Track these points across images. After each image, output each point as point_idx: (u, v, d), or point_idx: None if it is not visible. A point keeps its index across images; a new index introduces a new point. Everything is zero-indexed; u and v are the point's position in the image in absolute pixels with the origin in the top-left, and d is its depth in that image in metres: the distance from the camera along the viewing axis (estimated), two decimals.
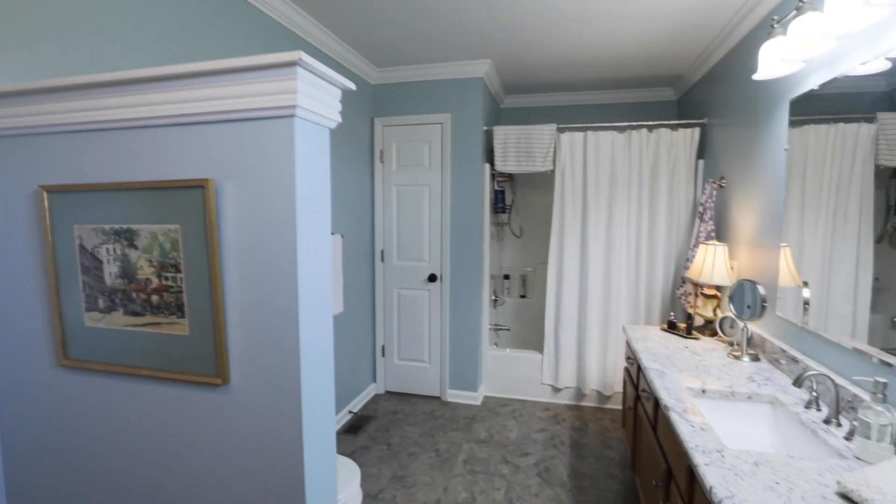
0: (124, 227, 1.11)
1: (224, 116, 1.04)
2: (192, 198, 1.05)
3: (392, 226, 3.57)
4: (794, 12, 1.61)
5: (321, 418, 1.10)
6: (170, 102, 1.07)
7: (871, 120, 1.47)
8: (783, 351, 1.95)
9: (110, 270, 1.14)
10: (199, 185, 1.04)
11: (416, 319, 3.58)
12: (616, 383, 3.41)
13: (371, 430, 3.12)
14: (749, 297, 2.11)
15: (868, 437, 1.27)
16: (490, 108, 3.75)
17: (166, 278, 1.09)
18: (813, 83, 1.82)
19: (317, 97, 1.05)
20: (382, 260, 3.61)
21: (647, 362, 2.06)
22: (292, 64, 0.96)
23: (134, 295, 1.12)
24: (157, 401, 1.15)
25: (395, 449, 2.86)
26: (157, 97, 1.07)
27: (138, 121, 1.10)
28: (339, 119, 1.14)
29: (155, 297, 1.11)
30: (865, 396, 1.45)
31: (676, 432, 1.45)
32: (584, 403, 3.54)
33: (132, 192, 1.10)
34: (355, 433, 3.06)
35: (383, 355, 3.68)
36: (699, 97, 3.36)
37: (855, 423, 1.37)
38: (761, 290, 2.06)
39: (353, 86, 1.13)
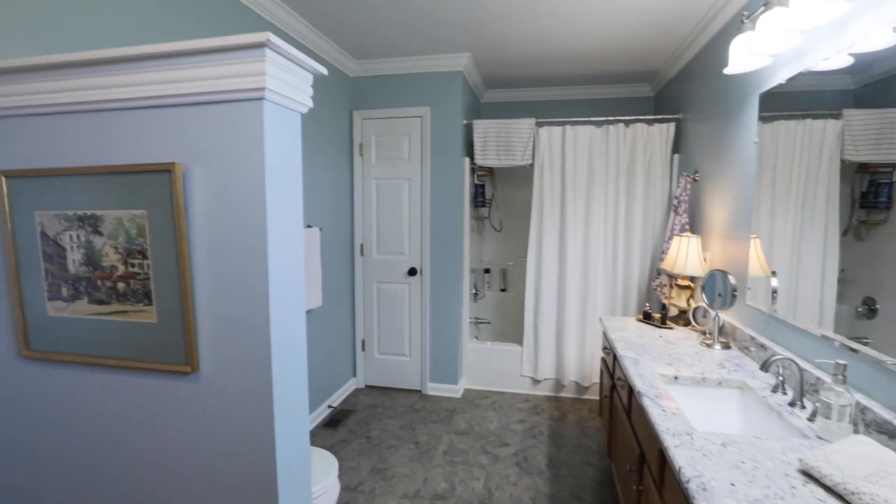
0: (88, 213, 1.08)
1: (191, 99, 1.02)
2: (158, 182, 1.03)
3: (372, 219, 3.55)
4: (763, 7, 1.65)
5: (293, 405, 1.09)
6: (135, 84, 1.04)
7: (837, 116, 1.51)
8: (752, 338, 2.00)
9: (74, 258, 1.11)
10: (166, 170, 1.02)
11: (397, 313, 3.57)
12: (594, 374, 3.46)
13: (351, 423, 3.11)
14: (720, 287, 2.16)
15: (829, 418, 1.32)
16: (470, 102, 3.75)
17: (132, 265, 1.07)
18: (781, 77, 1.87)
19: (287, 81, 1.04)
20: (362, 254, 3.59)
21: (622, 351, 2.09)
22: (260, 45, 0.95)
23: (99, 283, 1.10)
24: (126, 391, 1.12)
25: (375, 442, 2.86)
26: (121, 79, 1.04)
27: (102, 103, 1.07)
28: (311, 104, 1.13)
29: (121, 285, 1.08)
30: (828, 379, 1.50)
31: (648, 416, 1.48)
32: (563, 394, 3.58)
33: (96, 177, 1.07)
34: (335, 427, 3.04)
35: (363, 349, 3.67)
36: (675, 93, 3.42)
37: (818, 404, 1.42)
38: (732, 279, 2.11)
39: (324, 70, 1.12)
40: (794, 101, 1.82)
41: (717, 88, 2.58)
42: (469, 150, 3.65)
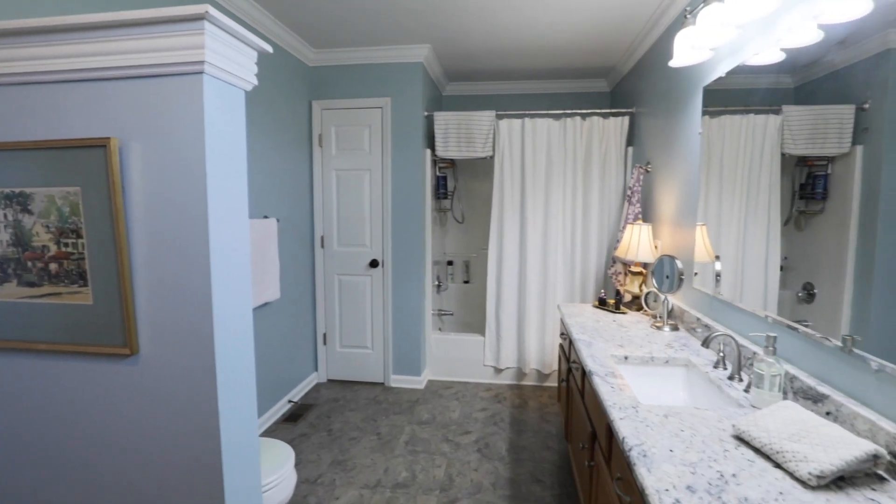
0: (16, 190, 1.03)
1: (127, 72, 0.99)
2: (92, 158, 0.99)
3: (332, 211, 3.50)
4: (702, 3, 1.73)
5: (239, 386, 1.07)
6: (66, 56, 1.00)
7: (777, 112, 1.58)
8: (698, 320, 2.10)
9: (1, 238, 1.05)
10: (101, 145, 0.98)
11: (358, 306, 3.55)
12: (554, 361, 3.54)
13: (311, 417, 3.07)
14: (668, 271, 2.25)
15: (761, 387, 1.40)
16: (432, 94, 3.76)
17: (66, 245, 1.02)
18: (721, 71, 1.97)
19: (229, 56, 1.01)
20: (322, 246, 3.54)
21: (576, 335, 2.15)
22: (199, 18, 0.93)
23: (29, 264, 1.04)
24: (61, 376, 1.07)
25: (336, 435, 2.84)
26: (51, 50, 1.00)
27: (31, 76, 1.02)
28: (255, 81, 1.11)
29: (53, 266, 1.03)
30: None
31: (597, 393, 1.53)
32: (524, 382, 3.65)
33: (24, 153, 1.02)
34: (295, 422, 3.00)
35: (325, 343, 3.62)
36: (629, 88, 3.54)
37: (752, 376, 1.51)
38: (679, 264, 2.21)
39: (269, 48, 1.10)
40: (739, 97, 1.92)
41: (666, 83, 2.68)
42: (430, 142, 3.65)
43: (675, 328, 2.23)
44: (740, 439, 1.18)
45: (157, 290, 1.00)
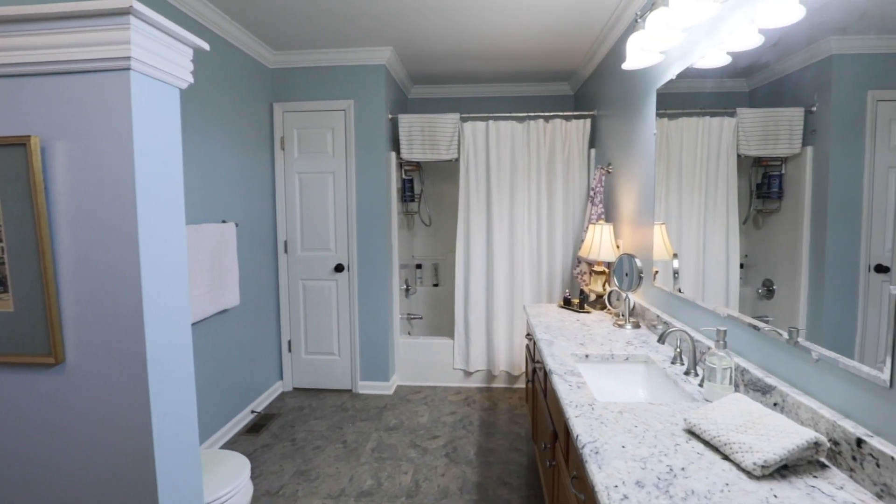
0: None
1: (50, 68, 0.93)
2: (12, 157, 0.93)
3: (295, 215, 3.43)
4: (650, 8, 1.77)
5: (175, 396, 1.02)
6: None
7: (732, 115, 1.63)
8: (658, 317, 2.13)
9: None
10: (20, 143, 0.92)
11: (324, 311, 3.48)
12: (523, 362, 3.55)
13: (274, 428, 2.98)
14: (627, 269, 2.28)
15: (713, 381, 1.42)
16: (396, 96, 3.74)
17: None
18: (671, 74, 2.02)
19: (159, 52, 0.97)
20: (286, 251, 3.46)
21: (539, 335, 2.16)
22: (124, 13, 0.88)
23: None
24: None
25: (300, 444, 2.76)
26: None
27: None
28: (191, 79, 1.07)
29: None
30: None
31: (556, 391, 1.53)
32: (494, 385, 3.65)
33: None
34: (258, 432, 2.91)
35: (290, 350, 3.54)
36: (590, 91, 3.60)
37: (704, 371, 1.54)
38: (638, 262, 2.24)
39: (205, 45, 1.06)
40: (695, 99, 1.96)
41: (623, 86, 2.74)
42: (395, 145, 3.63)
43: (636, 326, 2.26)
44: (691, 433, 1.19)
45: (85, 296, 0.95)
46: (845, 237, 1.11)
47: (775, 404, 1.26)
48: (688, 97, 2.02)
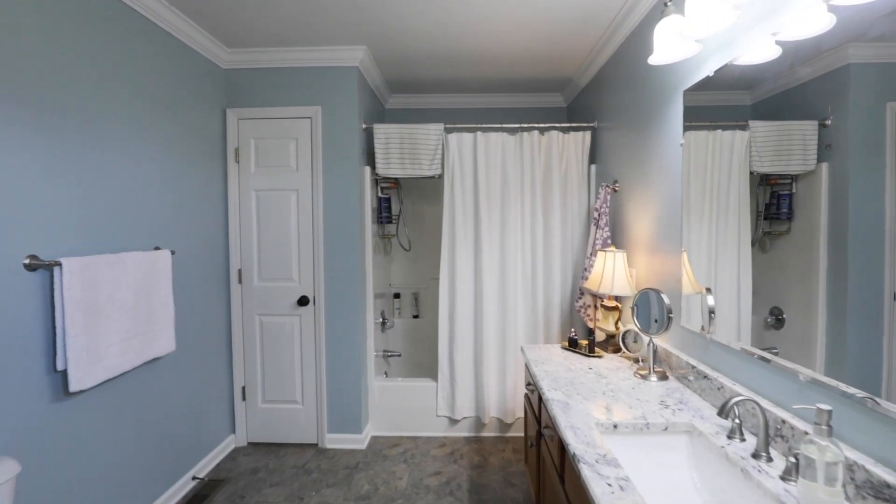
0: None
1: None
2: None
3: (251, 239, 2.94)
4: None
5: None
6: None
7: (744, 127, 1.47)
8: (692, 367, 1.72)
9: None
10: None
11: (285, 351, 2.97)
12: (517, 408, 3.09)
13: (220, 498, 2.43)
14: (655, 309, 1.87)
15: (814, 480, 1.00)
16: (371, 105, 3.32)
17: None
18: (708, 69, 1.65)
19: None
20: (240, 281, 2.95)
21: (549, 392, 1.71)
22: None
23: None
24: None
25: None
26: None
27: None
28: None
29: None
30: (797, 423, 1.21)
31: (590, 494, 1.08)
32: (484, 434, 3.17)
33: None
34: None
35: (244, 398, 3.00)
36: (588, 102, 3.25)
37: (791, 458, 1.12)
38: (666, 299, 1.83)
39: None
40: (707, 112, 1.72)
41: (633, 93, 2.38)
42: (370, 159, 3.19)
43: (663, 377, 1.84)
44: None
45: None
46: (867, 261, 1.03)
47: None
48: (697, 111, 1.76)
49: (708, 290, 1.69)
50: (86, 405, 1.84)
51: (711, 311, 1.66)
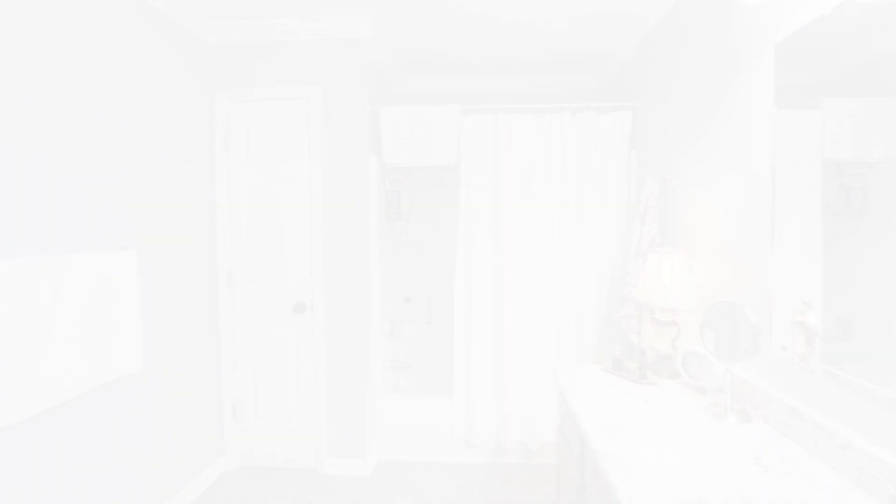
0: None
1: None
2: None
3: (241, 237, 2.58)
4: None
5: None
6: None
7: (816, 106, 1.23)
8: (794, 409, 1.29)
9: None
10: None
11: (281, 363, 2.61)
12: (545, 431, 2.68)
13: None
14: (735, 328, 1.45)
15: None
16: (378, 88, 2.93)
17: None
18: (823, 8, 1.22)
19: None
20: (229, 284, 2.60)
21: (598, 443, 1.30)
22: None
23: None
24: None
25: None
26: None
27: None
28: None
29: None
30: None
31: None
32: (506, 460, 2.77)
33: None
34: None
35: (234, 416, 2.65)
36: (627, 80, 2.82)
37: None
38: (752, 316, 1.40)
39: None
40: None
41: (697, 57, 1.94)
42: (376, 147, 2.81)
43: (745, 417, 1.42)
44: None
45: None
46: None
47: None
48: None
49: (806, 302, 1.27)
50: (15, 443, 1.50)
51: (816, 335, 1.24)
